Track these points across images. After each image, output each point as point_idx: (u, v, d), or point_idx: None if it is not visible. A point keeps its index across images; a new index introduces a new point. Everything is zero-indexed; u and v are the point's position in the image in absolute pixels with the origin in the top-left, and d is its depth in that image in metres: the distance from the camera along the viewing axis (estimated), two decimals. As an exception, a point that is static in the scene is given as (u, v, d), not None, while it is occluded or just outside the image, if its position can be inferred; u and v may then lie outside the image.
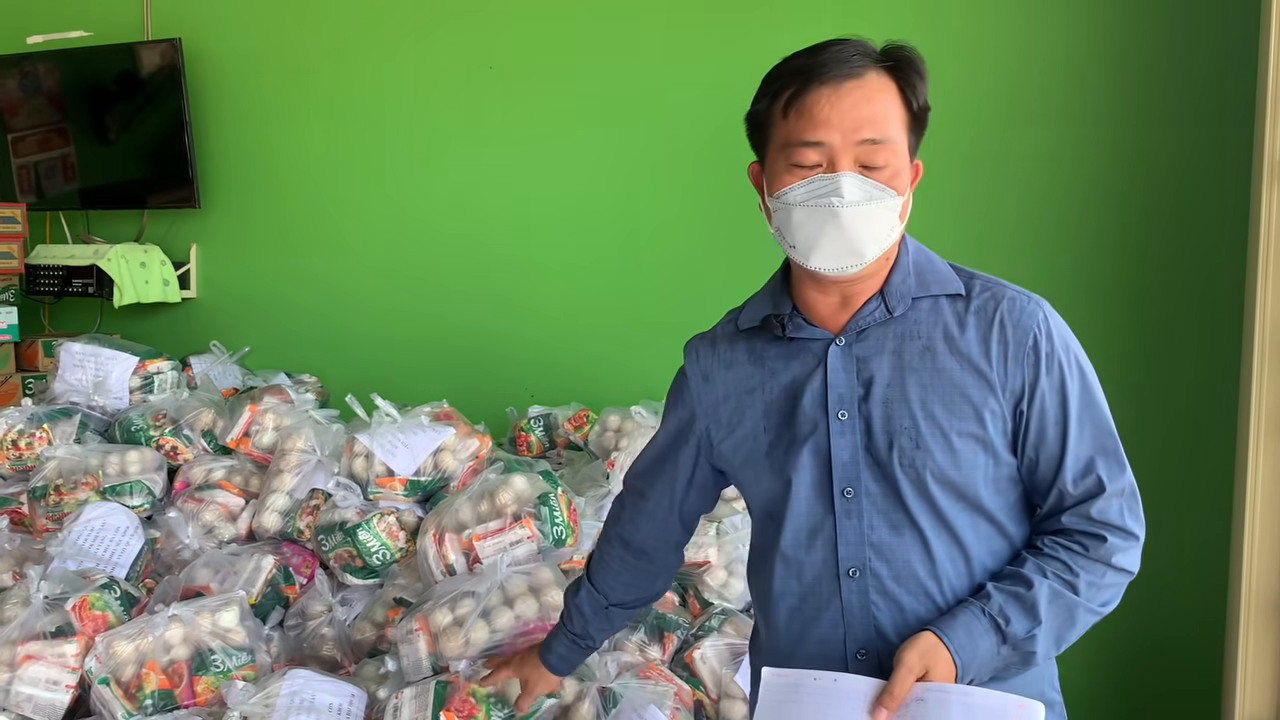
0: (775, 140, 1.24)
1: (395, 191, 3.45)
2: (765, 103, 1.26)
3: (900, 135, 1.22)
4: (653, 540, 1.55)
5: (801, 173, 1.21)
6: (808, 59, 1.22)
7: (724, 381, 1.39)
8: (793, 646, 1.34)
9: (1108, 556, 1.23)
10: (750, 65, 3.00)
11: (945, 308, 1.27)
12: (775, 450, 1.32)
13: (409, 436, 2.41)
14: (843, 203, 1.19)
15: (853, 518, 1.27)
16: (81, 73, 3.66)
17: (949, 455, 1.24)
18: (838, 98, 1.19)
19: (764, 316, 1.36)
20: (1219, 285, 2.58)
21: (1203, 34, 2.58)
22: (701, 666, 2.12)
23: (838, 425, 1.28)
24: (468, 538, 2.10)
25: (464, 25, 3.31)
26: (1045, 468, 1.26)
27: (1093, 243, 2.69)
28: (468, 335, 3.40)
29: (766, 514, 1.36)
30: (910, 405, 1.24)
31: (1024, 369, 1.24)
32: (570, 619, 1.64)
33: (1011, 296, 1.26)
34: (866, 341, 1.28)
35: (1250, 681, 2.26)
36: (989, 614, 1.21)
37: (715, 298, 3.08)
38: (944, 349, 1.25)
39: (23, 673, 1.92)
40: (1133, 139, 2.65)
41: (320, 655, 2.20)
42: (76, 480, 2.49)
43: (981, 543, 1.27)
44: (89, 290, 3.55)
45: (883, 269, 1.28)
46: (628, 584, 1.60)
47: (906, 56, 1.23)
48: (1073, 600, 1.21)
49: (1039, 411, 1.24)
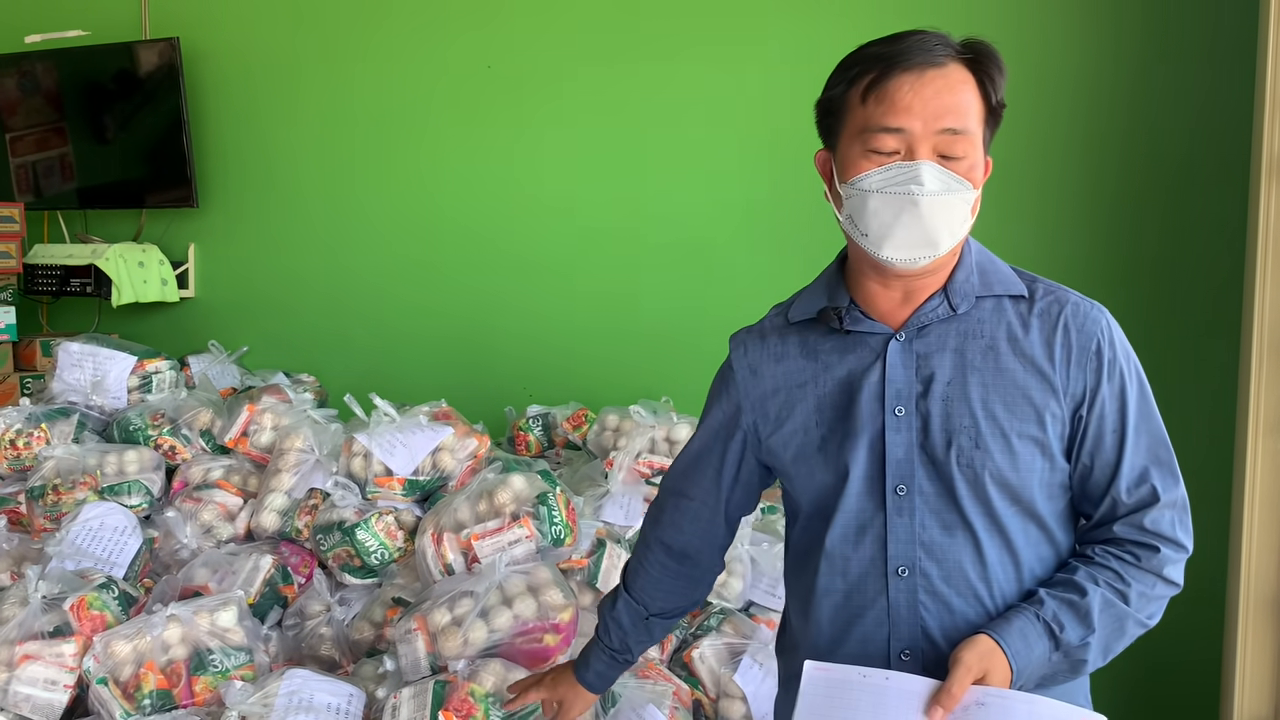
0: (851, 126, 1.22)
1: (393, 191, 3.45)
2: (841, 88, 1.23)
3: (978, 128, 1.20)
4: (696, 543, 1.50)
5: (879, 159, 1.19)
6: (889, 46, 1.20)
7: (773, 375, 1.36)
8: (833, 644, 1.31)
9: (1159, 568, 1.22)
10: (749, 65, 3.01)
11: (1009, 308, 1.26)
12: (828, 445, 1.30)
13: (407, 436, 2.40)
14: (922, 191, 1.17)
15: (904, 515, 1.26)
16: (79, 72, 3.65)
17: (1008, 457, 1.22)
18: (920, 85, 1.17)
19: (819, 309, 1.33)
20: (1217, 284, 2.58)
21: (1200, 32, 2.58)
22: (700, 666, 2.12)
23: (894, 421, 1.26)
24: (466, 537, 2.10)
25: (462, 25, 3.30)
26: (1100, 475, 1.25)
27: (1090, 241, 2.69)
28: (466, 335, 3.40)
29: (814, 510, 1.33)
30: (971, 404, 1.23)
31: (1086, 374, 1.23)
32: (607, 633, 1.56)
33: (1075, 301, 1.25)
34: (928, 338, 1.26)
35: (1249, 680, 2.26)
36: (1043, 620, 1.19)
37: (714, 298, 3.11)
38: (1007, 349, 1.24)
39: (21, 672, 1.91)
40: (1130, 136, 2.65)
41: (319, 655, 2.20)
42: (74, 480, 2.48)
43: (1031, 548, 1.26)
44: (87, 290, 3.54)
45: (947, 265, 1.27)
46: (669, 592, 1.53)
47: (987, 50, 1.22)
48: (1124, 610, 1.20)
49: (1098, 418, 1.23)
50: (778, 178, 3.01)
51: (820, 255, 3.30)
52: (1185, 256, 2.63)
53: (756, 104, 3.01)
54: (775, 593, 2.31)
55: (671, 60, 3.09)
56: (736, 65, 3.03)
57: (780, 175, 3.01)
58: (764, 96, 3.00)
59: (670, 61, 3.09)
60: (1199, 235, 2.61)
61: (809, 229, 3.01)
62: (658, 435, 2.59)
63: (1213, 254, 2.59)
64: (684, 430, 2.60)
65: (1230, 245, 2.55)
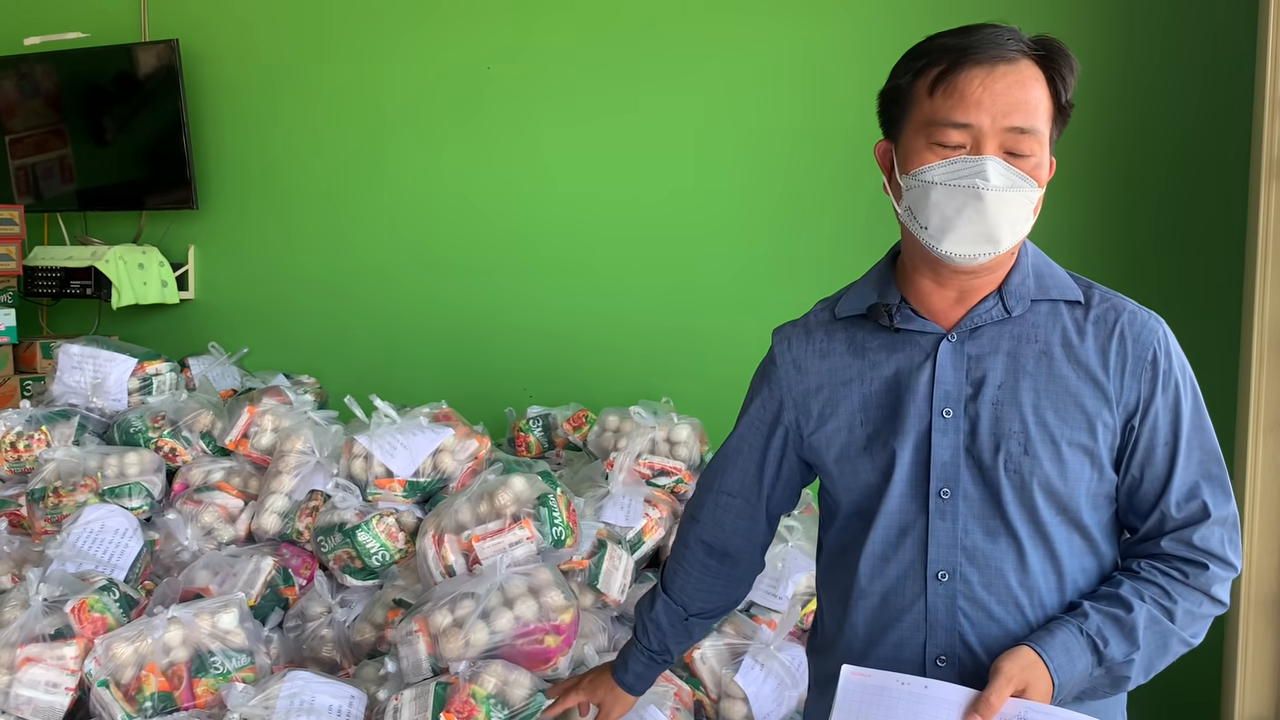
0: (916, 118, 1.20)
1: (393, 192, 3.45)
2: (908, 78, 1.21)
3: (1045, 127, 1.18)
4: (738, 541, 1.48)
5: (944, 152, 1.17)
6: (959, 38, 1.18)
7: (818, 371, 1.33)
8: (868, 647, 1.29)
9: (1207, 586, 1.20)
10: (749, 64, 3.01)
11: (1064, 313, 1.24)
12: (874, 445, 1.27)
13: (408, 437, 2.40)
14: (987, 186, 1.15)
15: (947, 519, 1.23)
16: (79, 74, 3.65)
17: (1057, 464, 1.20)
18: (991, 80, 1.15)
19: (869, 305, 1.30)
20: (1217, 282, 2.58)
21: (1201, 31, 2.58)
22: (701, 666, 2.12)
23: (941, 423, 1.23)
24: (467, 539, 2.10)
25: (461, 26, 3.30)
26: (1149, 488, 1.22)
27: (1089, 239, 2.69)
28: (466, 336, 3.40)
29: (854, 510, 1.31)
30: (1022, 409, 1.21)
31: (1140, 384, 1.21)
32: (646, 634, 1.54)
33: (1132, 310, 1.24)
34: (980, 340, 1.24)
35: (1249, 680, 2.26)
36: (1087, 634, 1.17)
37: (715, 299, 3.11)
38: (1062, 355, 1.22)
39: (22, 675, 1.91)
40: (1129, 135, 2.65)
41: (320, 657, 2.20)
42: (75, 482, 2.48)
43: (1075, 558, 1.24)
44: (87, 292, 3.54)
45: (1004, 265, 1.25)
46: (709, 591, 1.51)
47: (1059, 48, 1.20)
48: (1169, 628, 1.18)
49: (1150, 429, 1.21)
50: (781, 178, 3.01)
51: (824, 255, 3.33)
52: (1185, 256, 2.63)
53: (758, 103, 3.01)
54: (776, 593, 2.31)
55: (671, 60, 3.09)
56: (737, 64, 3.03)
57: (783, 175, 3.01)
58: (766, 96, 3.00)
59: (670, 61, 3.09)
60: (1199, 235, 2.61)
61: (812, 229, 3.01)
62: (658, 436, 2.58)
63: (1213, 254, 2.59)
64: (684, 431, 2.60)
65: (1231, 245, 2.55)
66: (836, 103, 2.89)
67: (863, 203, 2.92)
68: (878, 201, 2.94)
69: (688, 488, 2.58)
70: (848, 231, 2.94)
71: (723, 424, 2.91)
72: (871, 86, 1.29)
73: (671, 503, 2.52)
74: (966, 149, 1.16)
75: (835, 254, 2.95)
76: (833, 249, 2.96)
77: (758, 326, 3.04)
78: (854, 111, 2.93)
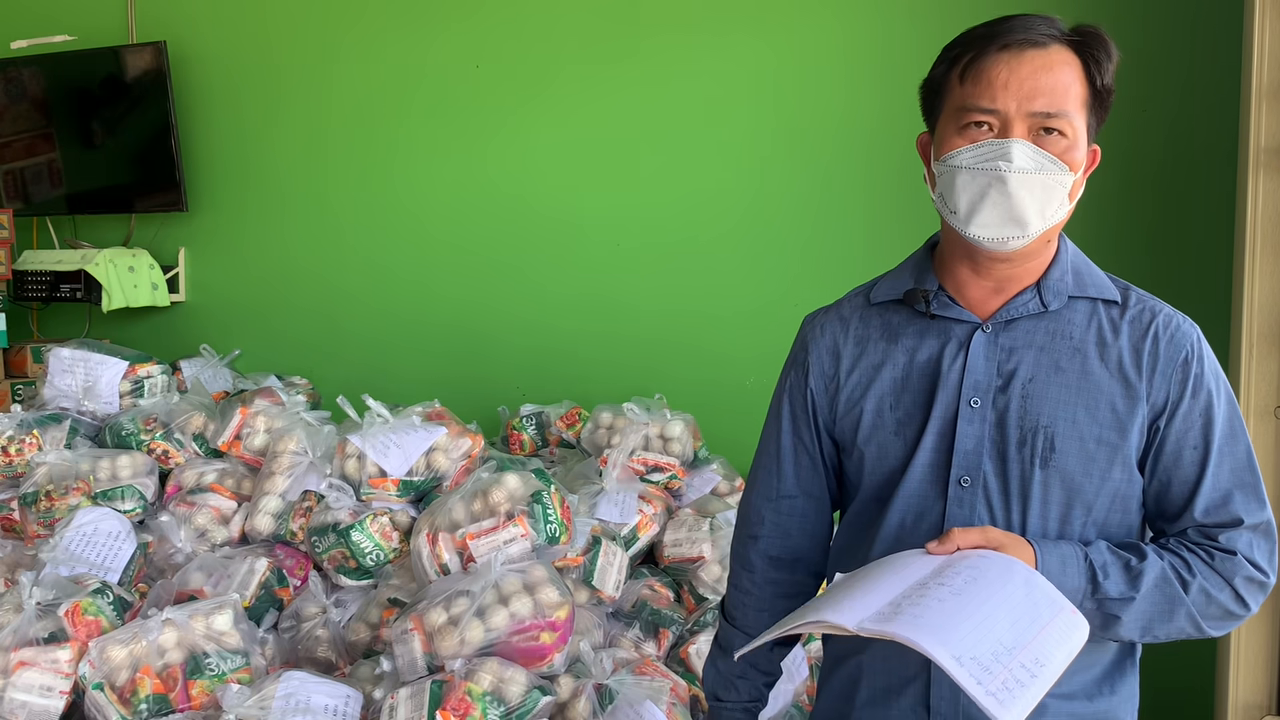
0: (948, 106, 1.21)
1: (383, 191, 3.44)
2: (943, 68, 1.22)
3: (1078, 111, 1.18)
4: (806, 543, 1.42)
5: (973, 134, 1.18)
6: (991, 26, 1.19)
7: (850, 356, 1.33)
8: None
9: (1231, 573, 1.18)
10: (738, 64, 3.01)
11: (1100, 312, 1.24)
12: (903, 429, 1.27)
13: (401, 437, 2.40)
14: (1010, 168, 1.15)
15: (964, 508, 1.22)
16: (66, 77, 3.64)
17: (1082, 462, 1.19)
18: (1017, 64, 1.16)
19: (905, 290, 1.30)
20: (1207, 272, 2.59)
21: (1188, 21, 2.59)
22: (697, 661, 2.12)
23: (967, 412, 1.23)
24: (461, 537, 2.10)
25: (450, 26, 3.30)
26: (1177, 493, 1.21)
27: (1078, 231, 2.69)
28: (458, 335, 3.39)
29: (873, 492, 1.30)
30: (1051, 404, 1.20)
31: (1170, 385, 1.20)
32: (733, 691, 1.44)
33: (1168, 313, 1.23)
34: (1014, 332, 1.24)
35: (1243, 669, 2.27)
36: (1089, 560, 1.16)
37: (706, 295, 3.11)
38: (1095, 354, 1.21)
39: (16, 679, 1.91)
40: (1118, 126, 2.66)
41: (315, 657, 2.19)
42: (67, 486, 2.48)
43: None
44: (77, 295, 3.53)
45: (1042, 257, 1.25)
46: (785, 613, 1.41)
47: (1095, 33, 1.20)
48: (1179, 595, 1.16)
49: (1177, 433, 1.20)
50: (770, 176, 3.02)
51: (815, 253, 3.33)
52: (1174, 246, 2.64)
53: (747, 102, 3.02)
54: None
55: (661, 60, 3.09)
56: (726, 64, 3.03)
57: (773, 173, 3.01)
58: (754, 95, 3.00)
59: (659, 61, 3.09)
60: (1188, 225, 2.62)
61: (802, 226, 3.01)
62: (651, 432, 2.59)
63: (1202, 243, 2.60)
64: (678, 427, 2.60)
65: (1220, 235, 2.56)
66: (827, 102, 2.89)
67: (855, 200, 2.93)
68: (871, 199, 2.95)
69: (681, 483, 2.58)
70: (838, 229, 2.95)
71: (716, 420, 2.94)
72: (857, 87, 1.29)
73: (665, 499, 2.52)
74: (994, 133, 1.17)
75: (824, 251, 2.96)
76: (822, 246, 2.97)
77: (750, 323, 3.06)
78: (841, 112, 2.95)
